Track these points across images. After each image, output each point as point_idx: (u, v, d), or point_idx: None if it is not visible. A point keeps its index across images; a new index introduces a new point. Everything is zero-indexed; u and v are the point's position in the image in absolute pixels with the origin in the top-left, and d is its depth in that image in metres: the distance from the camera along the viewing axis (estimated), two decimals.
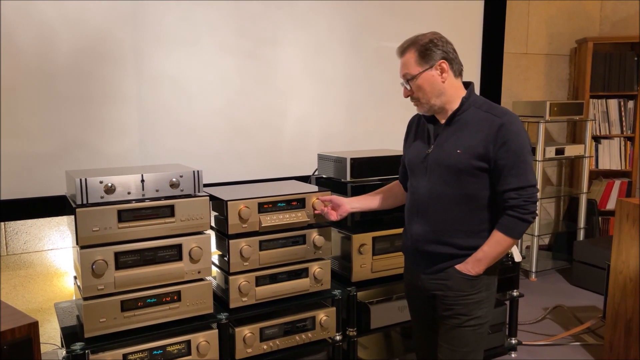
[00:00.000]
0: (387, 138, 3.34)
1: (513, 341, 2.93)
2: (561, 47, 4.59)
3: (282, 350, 2.30)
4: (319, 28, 3.07)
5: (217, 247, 2.34)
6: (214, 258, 2.36)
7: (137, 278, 1.98)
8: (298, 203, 2.30)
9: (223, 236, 2.24)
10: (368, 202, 2.15)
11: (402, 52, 1.78)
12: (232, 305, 2.20)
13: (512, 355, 2.93)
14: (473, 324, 1.78)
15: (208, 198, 2.12)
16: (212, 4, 2.74)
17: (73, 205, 1.92)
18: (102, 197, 1.94)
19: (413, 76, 1.75)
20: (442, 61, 1.73)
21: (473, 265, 1.75)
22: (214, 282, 2.39)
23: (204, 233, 2.12)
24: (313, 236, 2.33)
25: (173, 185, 2.06)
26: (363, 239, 2.47)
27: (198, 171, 2.12)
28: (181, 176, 2.08)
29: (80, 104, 2.49)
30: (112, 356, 1.93)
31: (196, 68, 2.74)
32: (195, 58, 2.73)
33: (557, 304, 3.60)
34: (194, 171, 2.11)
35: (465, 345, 1.79)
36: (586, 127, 4.25)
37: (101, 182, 1.93)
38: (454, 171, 1.73)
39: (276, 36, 2.94)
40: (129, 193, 1.99)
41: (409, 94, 1.80)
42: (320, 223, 2.37)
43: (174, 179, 2.07)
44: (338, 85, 3.18)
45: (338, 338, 2.44)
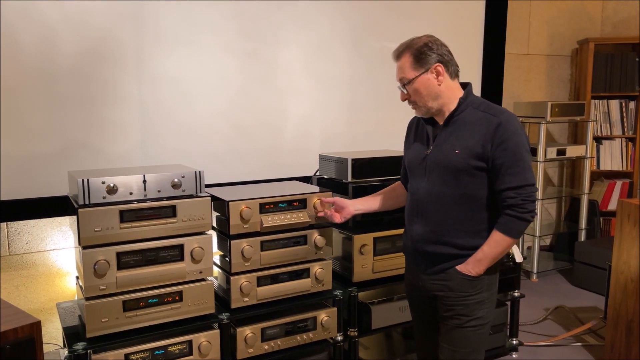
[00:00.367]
0: (389, 138, 3.34)
1: (514, 342, 2.93)
2: (562, 48, 4.59)
3: (283, 350, 2.31)
4: (321, 28, 3.08)
5: (219, 248, 2.34)
6: (216, 258, 2.37)
7: (139, 278, 1.99)
8: (299, 203, 2.31)
9: (224, 236, 2.25)
10: (371, 204, 2.16)
11: (398, 56, 1.79)
12: (234, 305, 2.20)
13: (513, 355, 2.93)
14: (474, 325, 1.79)
15: (210, 198, 2.13)
16: (213, 5, 2.75)
17: (75, 205, 1.92)
18: (104, 198, 1.94)
19: (409, 80, 1.76)
20: (438, 64, 1.73)
21: (473, 265, 1.75)
22: (216, 283, 2.39)
23: (206, 233, 2.13)
24: (314, 237, 2.34)
25: (175, 185, 2.07)
26: (364, 240, 2.47)
27: (200, 171, 2.12)
28: (183, 177, 2.09)
29: (82, 105, 2.50)
30: (114, 356, 1.94)
31: (197, 68, 2.75)
32: (196, 58, 2.74)
33: (558, 305, 3.60)
34: (196, 171, 2.12)
35: (466, 345, 1.80)
36: (587, 128, 4.25)
37: (103, 183, 1.94)
38: (453, 171, 1.73)
39: (277, 36, 2.95)
40: (131, 193, 1.99)
41: (406, 98, 1.81)
42: (321, 223, 2.38)
43: (176, 180, 2.07)
44: (339, 85, 3.18)
45: (339, 338, 2.44)
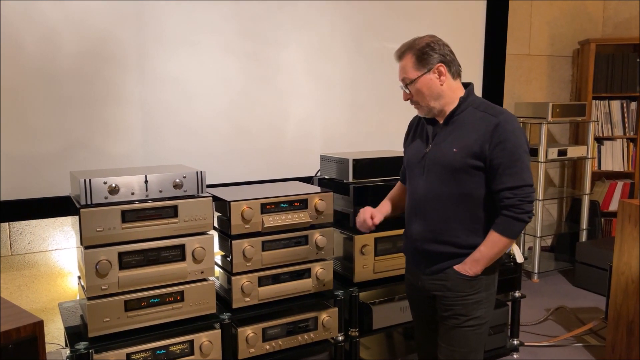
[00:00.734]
0: (390, 139, 3.34)
1: (515, 342, 2.93)
2: (563, 49, 4.59)
3: (285, 350, 2.31)
4: (321, 28, 3.08)
5: (220, 248, 2.35)
6: (217, 258, 2.38)
7: (141, 278, 2.00)
8: (300, 204, 2.31)
9: (226, 236, 2.25)
10: (387, 208, 2.08)
11: (400, 57, 1.79)
12: (235, 305, 2.21)
13: (514, 356, 2.93)
14: (472, 324, 1.79)
15: (211, 199, 2.14)
16: (215, 5, 2.76)
17: (77, 205, 1.93)
18: (106, 198, 1.95)
19: (411, 80, 1.76)
20: (440, 64, 1.74)
21: (471, 265, 1.75)
22: (217, 283, 2.40)
23: (207, 233, 2.14)
24: (315, 237, 2.34)
25: (176, 185, 2.08)
26: (365, 240, 2.48)
27: (201, 172, 2.13)
28: (184, 177, 2.10)
29: (83, 105, 2.51)
30: (116, 356, 1.95)
31: (198, 69, 2.76)
32: (197, 59, 2.75)
33: (559, 305, 3.60)
34: (197, 172, 2.12)
35: (464, 345, 1.80)
36: (589, 129, 4.25)
37: (105, 183, 1.94)
38: (450, 170, 1.73)
39: (278, 37, 2.95)
40: (133, 194, 2.00)
41: (409, 98, 1.82)
42: (322, 223, 2.38)
43: (178, 180, 2.08)
44: (340, 86, 3.19)
45: (340, 338, 2.44)
